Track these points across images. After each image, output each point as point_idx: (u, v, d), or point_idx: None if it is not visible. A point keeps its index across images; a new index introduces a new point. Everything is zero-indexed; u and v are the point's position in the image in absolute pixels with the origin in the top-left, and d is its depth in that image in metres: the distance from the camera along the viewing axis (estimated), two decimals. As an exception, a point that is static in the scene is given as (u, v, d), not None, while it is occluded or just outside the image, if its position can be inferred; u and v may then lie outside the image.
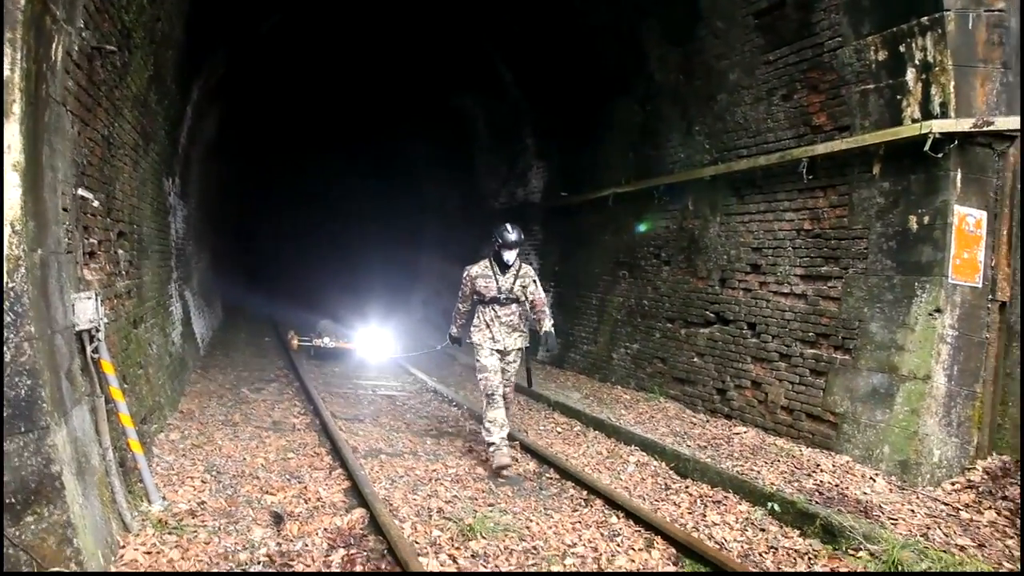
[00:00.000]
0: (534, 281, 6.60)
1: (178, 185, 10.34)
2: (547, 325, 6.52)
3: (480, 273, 6.54)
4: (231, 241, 22.61)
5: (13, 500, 3.35)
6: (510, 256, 6.44)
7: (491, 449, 6.28)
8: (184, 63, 8.53)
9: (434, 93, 15.68)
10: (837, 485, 5.48)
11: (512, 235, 6.39)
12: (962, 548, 4.59)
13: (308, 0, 11.53)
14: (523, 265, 6.64)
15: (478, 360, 6.46)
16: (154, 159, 7.90)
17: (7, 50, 3.33)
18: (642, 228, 9.73)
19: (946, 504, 5.28)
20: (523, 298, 6.52)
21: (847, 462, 5.94)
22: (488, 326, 6.45)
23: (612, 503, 5.46)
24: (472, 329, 6.54)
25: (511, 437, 6.68)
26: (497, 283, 6.46)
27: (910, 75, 5.91)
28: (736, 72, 7.68)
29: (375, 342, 12.47)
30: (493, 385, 6.37)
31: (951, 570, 4.22)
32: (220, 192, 18.08)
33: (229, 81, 12.48)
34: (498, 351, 6.43)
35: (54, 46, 3.91)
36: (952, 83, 5.69)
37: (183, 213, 11.07)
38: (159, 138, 8.10)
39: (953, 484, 5.63)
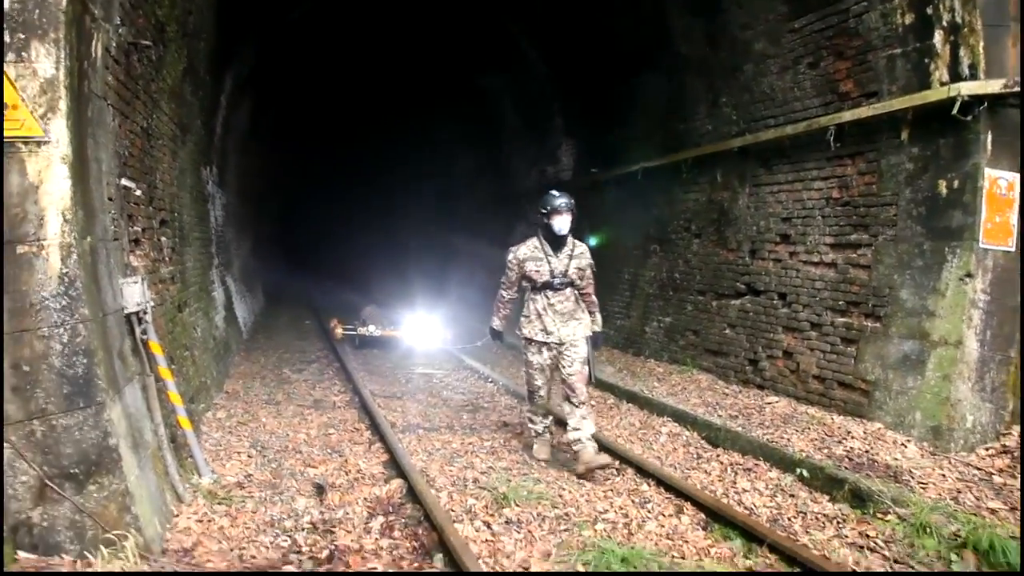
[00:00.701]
0: (591, 264, 5.81)
1: (216, 174, 10.64)
2: (598, 319, 5.91)
3: (529, 255, 5.69)
4: (270, 227, 23.08)
5: (76, 471, 3.60)
6: (563, 224, 5.57)
7: (533, 436, 6.06)
8: (217, 54, 8.77)
9: (462, 74, 15.75)
10: (867, 451, 5.52)
11: (561, 198, 5.61)
12: (993, 511, 4.61)
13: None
14: (577, 243, 5.80)
15: (525, 356, 5.85)
16: (191, 149, 8.16)
17: (52, 49, 3.53)
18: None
19: (979, 469, 5.28)
20: (579, 281, 5.70)
21: (878, 429, 5.96)
22: (540, 316, 5.66)
23: (643, 471, 5.58)
24: (521, 320, 5.81)
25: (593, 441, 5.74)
26: (549, 265, 5.63)
27: (938, 37, 5.82)
28: (761, 41, 7.62)
29: (423, 329, 11.80)
30: (536, 384, 5.84)
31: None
32: (257, 179, 18.46)
33: (261, 69, 12.73)
34: (552, 344, 5.67)
35: (94, 43, 4.11)
36: (981, 44, 5.59)
37: (222, 201, 11.39)
38: (195, 128, 8.36)
39: (987, 449, 5.62)
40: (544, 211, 5.63)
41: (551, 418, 6.00)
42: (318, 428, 6.69)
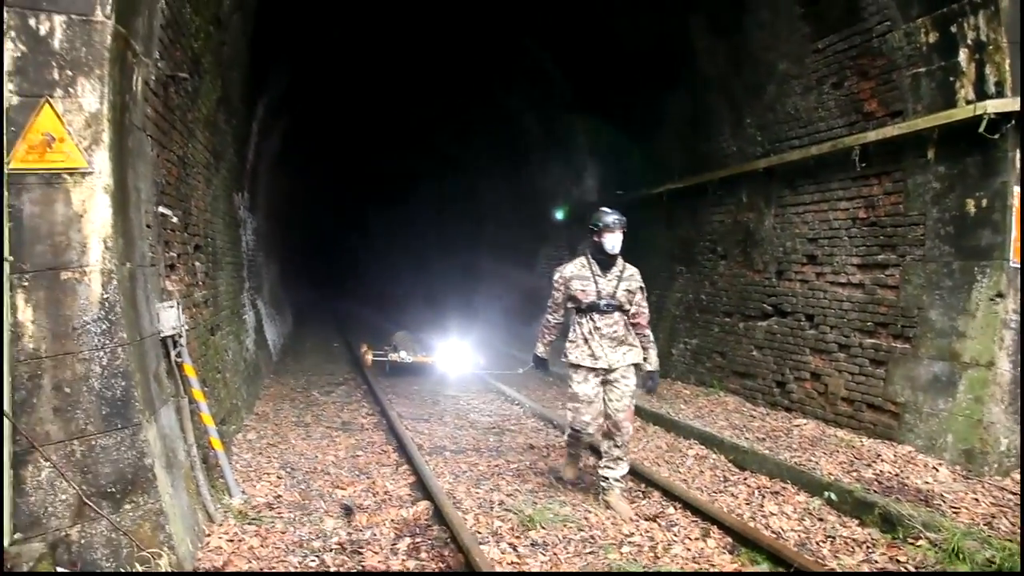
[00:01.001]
0: (641, 288, 5.40)
1: (247, 199, 10.89)
2: (652, 357, 5.45)
3: (575, 274, 5.35)
4: (298, 251, 23.46)
5: (112, 490, 3.71)
6: (614, 242, 5.22)
7: (566, 464, 5.89)
8: (249, 82, 9.03)
9: (487, 94, 15.96)
10: (898, 475, 5.44)
11: (613, 214, 5.25)
12: (1030, 536, 4.51)
13: (365, 14, 11.93)
14: (628, 265, 5.44)
15: (570, 386, 5.40)
16: (224, 176, 8.38)
17: (96, 85, 3.70)
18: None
19: (1014, 494, 5.17)
20: (627, 306, 5.32)
21: (909, 452, 5.88)
22: (586, 340, 5.27)
23: (670, 494, 5.56)
24: (566, 346, 5.41)
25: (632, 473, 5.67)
26: (596, 285, 5.27)
27: (963, 55, 5.81)
28: (784, 62, 7.66)
29: (455, 355, 11.37)
30: (583, 421, 5.28)
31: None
32: (287, 204, 18.83)
33: (291, 95, 13.05)
34: (600, 370, 5.25)
35: (135, 78, 4.28)
36: (1007, 61, 5.56)
37: (252, 225, 11.64)
38: (228, 155, 8.59)
39: (1021, 473, 5.51)
40: (595, 228, 5.29)
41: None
42: (346, 450, 6.77)
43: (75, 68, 3.71)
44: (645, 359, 5.42)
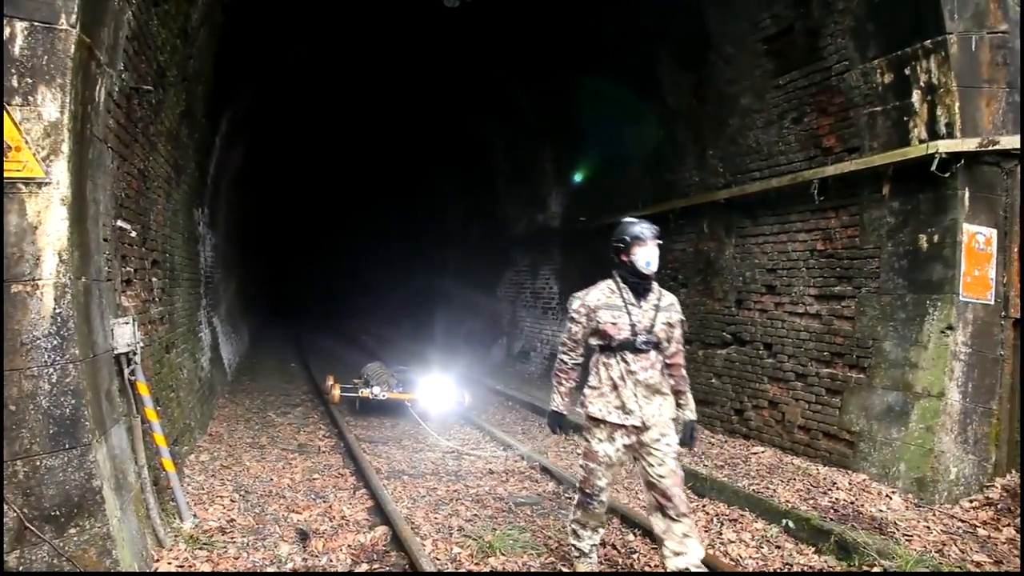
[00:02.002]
0: (681, 321, 4.31)
1: (207, 215, 10.70)
2: (691, 404, 4.36)
3: (603, 302, 4.18)
4: (257, 270, 23.12)
5: (57, 513, 3.56)
6: (650, 257, 4.13)
7: (575, 555, 4.45)
8: (213, 97, 8.91)
9: (454, 121, 16.04)
10: (853, 503, 5.53)
11: (642, 224, 4.22)
12: (978, 564, 4.62)
13: (329, 39, 11.93)
14: (664, 292, 4.30)
15: (586, 441, 4.30)
16: (185, 190, 8.23)
17: (58, 94, 3.62)
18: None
19: (963, 521, 5.30)
20: (665, 343, 4.20)
21: (863, 480, 5.98)
22: (615, 388, 4.12)
23: (630, 521, 5.55)
24: (587, 393, 4.27)
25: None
26: (630, 317, 4.11)
27: (916, 97, 6.04)
28: (747, 96, 7.85)
29: (438, 392, 9.60)
30: (597, 484, 4.22)
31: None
32: (246, 222, 18.57)
33: (256, 113, 12.93)
34: (631, 428, 4.09)
35: (98, 88, 4.20)
36: (957, 104, 5.80)
37: (212, 242, 11.43)
38: (189, 170, 8.44)
39: (971, 502, 5.65)
40: (621, 244, 4.18)
41: (602, 531, 4.50)
42: (302, 473, 6.62)
43: (35, 76, 3.62)
44: (681, 404, 4.30)
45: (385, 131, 18.11)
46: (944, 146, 5.73)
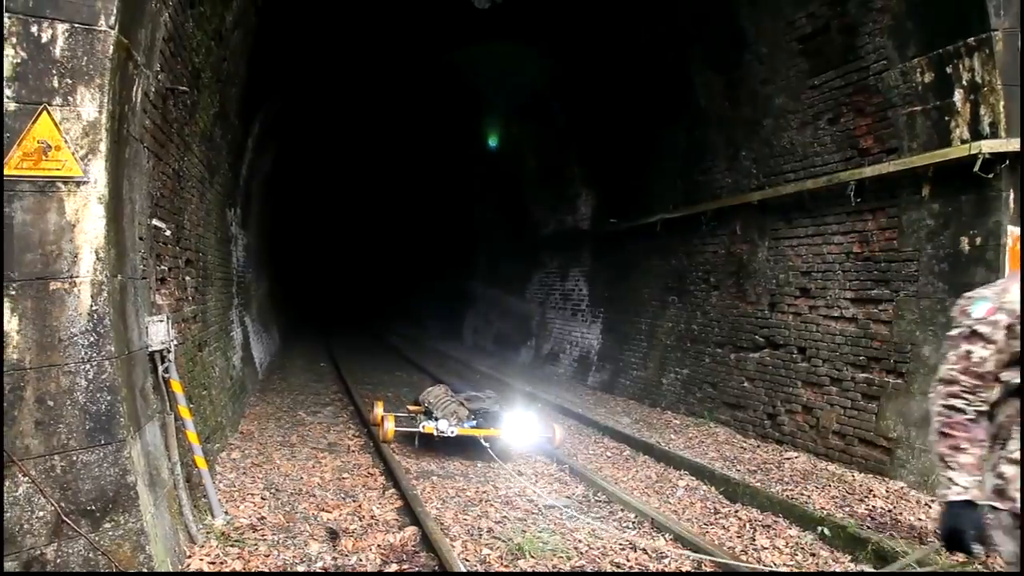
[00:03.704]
0: None
1: (239, 215, 10.83)
2: None
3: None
4: (287, 271, 23.38)
5: (93, 507, 3.60)
6: None
7: None
8: (246, 99, 9.02)
9: (483, 124, 16.06)
10: (890, 511, 5.40)
11: None
12: (1023, 576, 4.47)
13: (358, 39, 12.00)
14: None
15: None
16: (218, 191, 8.33)
17: (96, 94, 3.66)
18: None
19: (1006, 532, 5.14)
20: None
21: (901, 488, 5.84)
22: None
23: (660, 526, 5.48)
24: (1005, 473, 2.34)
25: None
26: None
27: (958, 96, 5.89)
28: (781, 97, 7.74)
29: (523, 426, 7.40)
30: None
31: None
32: (277, 224, 18.78)
33: (287, 115, 13.06)
34: None
35: (135, 88, 4.25)
36: (1002, 102, 5.64)
37: (243, 242, 11.56)
38: (222, 171, 8.54)
39: (1021, 475, 5.47)
40: None
41: None
42: (332, 472, 6.64)
43: (75, 76, 3.67)
44: None
45: (414, 134, 18.20)
46: (988, 146, 5.58)
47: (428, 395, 8.12)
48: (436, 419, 7.28)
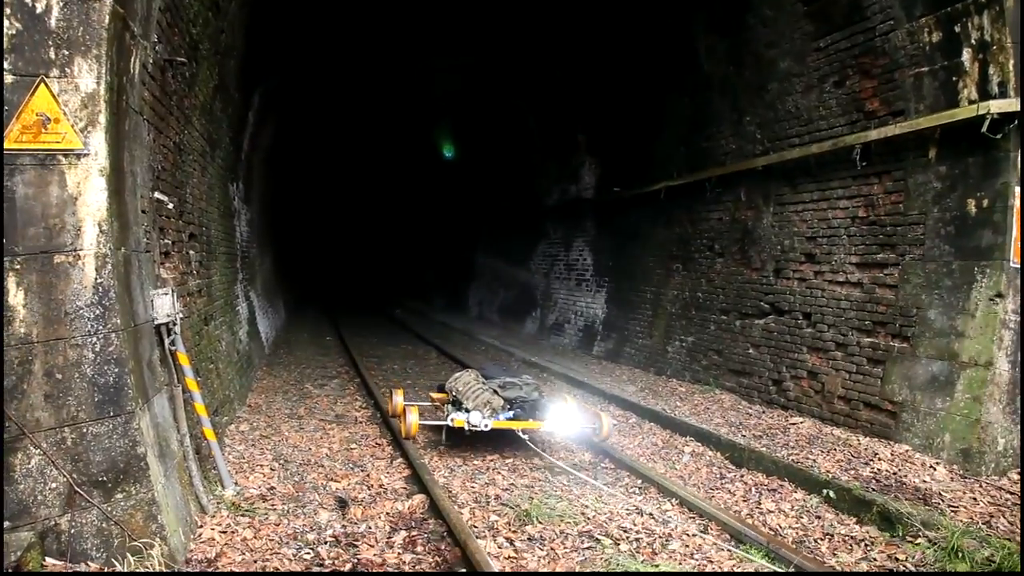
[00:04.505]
0: None
1: (242, 190, 10.79)
2: None
3: None
4: (292, 246, 23.37)
5: (104, 478, 3.64)
6: None
7: None
8: (245, 72, 8.93)
9: (486, 95, 15.89)
10: (895, 473, 5.42)
11: None
12: (1028, 536, 4.50)
13: (358, 17, 11.84)
14: None
15: None
16: (220, 165, 8.29)
17: (94, 65, 3.63)
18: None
19: (1012, 493, 5.16)
20: None
21: (906, 451, 5.86)
22: None
23: (666, 491, 5.53)
24: None
25: None
26: None
27: (966, 55, 5.79)
28: (786, 60, 7.63)
29: (567, 417, 6.49)
30: None
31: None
32: (281, 199, 18.73)
33: (288, 88, 12.95)
34: None
35: (132, 60, 4.21)
36: (1012, 61, 5.55)
37: (247, 217, 11.54)
38: (224, 144, 8.50)
39: (1020, 473, 5.51)
40: None
41: None
42: (340, 442, 6.70)
43: (72, 47, 3.63)
44: None
45: (416, 106, 18.03)
46: (996, 106, 5.50)
47: (456, 382, 7.07)
48: (467, 410, 6.37)
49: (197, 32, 6.01)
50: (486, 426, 6.22)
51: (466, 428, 6.24)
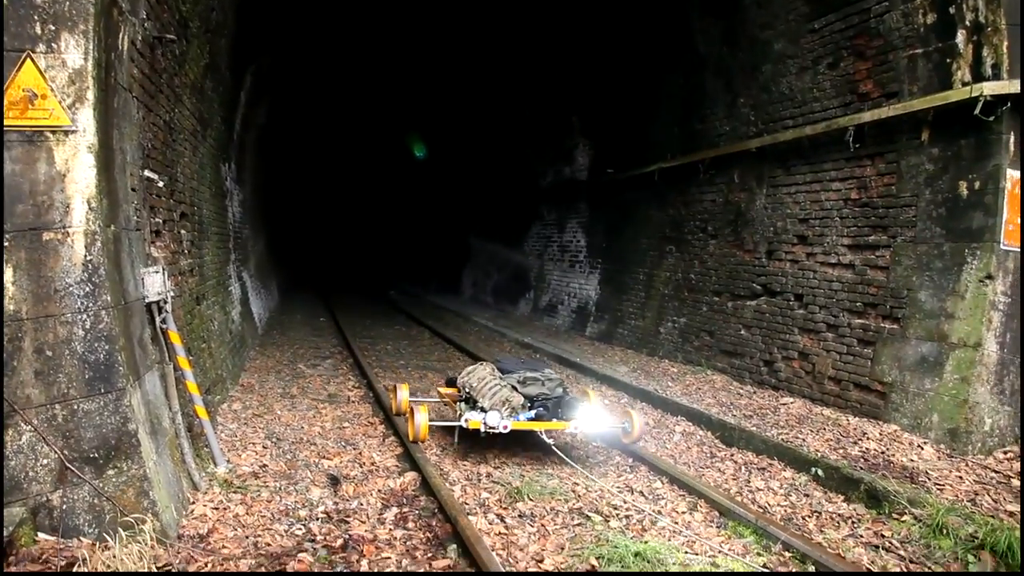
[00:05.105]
0: None
1: (234, 171, 10.73)
2: None
3: None
4: (286, 228, 23.30)
5: (96, 455, 3.66)
6: None
7: None
8: (237, 51, 8.85)
9: (478, 76, 15.80)
10: (883, 452, 5.48)
11: None
12: (1011, 514, 4.56)
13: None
14: None
15: None
16: (211, 144, 8.24)
17: (81, 40, 3.59)
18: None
19: (996, 472, 5.23)
20: None
21: (895, 431, 5.92)
22: None
23: (657, 469, 5.57)
24: None
25: None
26: None
27: (960, 37, 5.78)
28: (781, 42, 7.60)
29: (597, 416, 5.89)
30: None
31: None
32: (274, 181, 18.65)
33: (280, 68, 12.84)
34: None
35: (121, 36, 4.17)
36: (1006, 43, 5.54)
37: (239, 198, 11.49)
38: (215, 124, 8.44)
39: (1006, 453, 5.57)
40: None
41: None
42: (332, 421, 6.73)
43: (58, 22, 3.60)
44: None
45: (410, 89, 17.92)
46: (989, 88, 5.50)
47: (469, 377, 6.32)
48: (482, 409, 5.71)
49: (187, 9, 5.95)
50: (505, 427, 5.56)
51: (482, 430, 5.58)
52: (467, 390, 6.17)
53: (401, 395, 6.47)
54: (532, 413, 5.75)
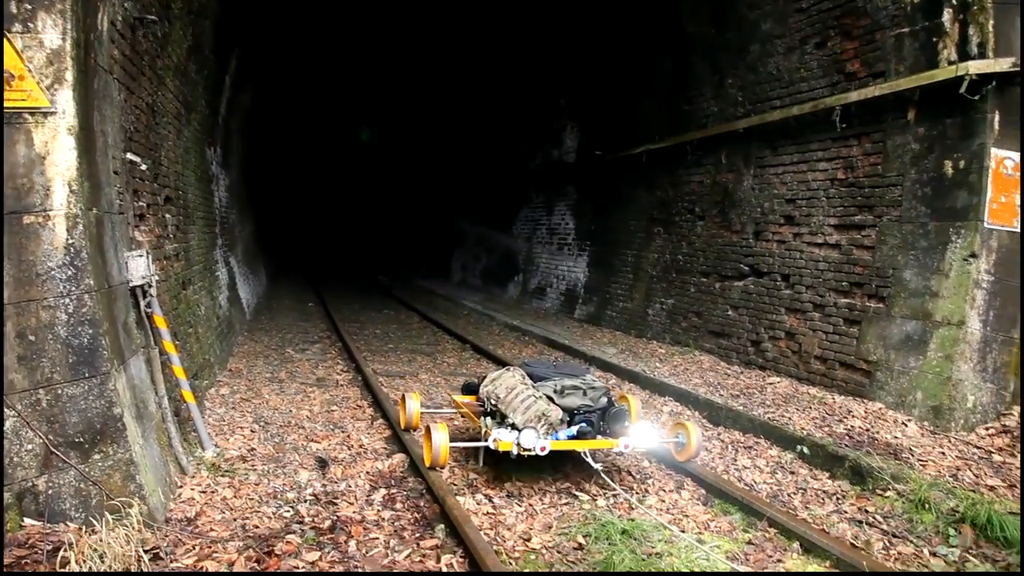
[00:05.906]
0: None
1: (220, 155, 10.64)
2: None
3: None
4: (274, 213, 23.15)
5: (81, 439, 3.64)
6: None
7: None
8: (221, 34, 8.74)
9: (467, 58, 15.69)
10: (868, 430, 5.54)
11: None
12: (992, 488, 4.63)
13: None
14: None
15: None
16: (196, 128, 8.15)
17: (58, 20, 3.54)
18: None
19: (978, 448, 5.30)
20: None
21: (879, 408, 5.98)
22: None
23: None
24: None
25: None
26: None
27: (947, 16, 5.78)
28: (768, 21, 7.58)
29: (646, 434, 4.94)
30: None
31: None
32: (261, 166, 18.49)
33: (266, 51, 12.70)
34: None
35: (100, 16, 4.10)
36: (991, 22, 5.55)
37: (225, 182, 11.39)
38: (200, 107, 8.35)
39: (987, 429, 5.64)
40: None
41: None
42: (321, 405, 6.73)
43: (35, 2, 3.54)
44: None
45: (399, 72, 17.79)
46: (975, 67, 5.51)
47: (495, 385, 5.16)
48: (513, 426, 4.74)
49: (168, -11, 5.87)
50: (543, 449, 4.56)
51: (513, 451, 4.56)
52: (493, 402, 5.07)
53: (411, 407, 5.60)
54: (574, 430, 4.82)
